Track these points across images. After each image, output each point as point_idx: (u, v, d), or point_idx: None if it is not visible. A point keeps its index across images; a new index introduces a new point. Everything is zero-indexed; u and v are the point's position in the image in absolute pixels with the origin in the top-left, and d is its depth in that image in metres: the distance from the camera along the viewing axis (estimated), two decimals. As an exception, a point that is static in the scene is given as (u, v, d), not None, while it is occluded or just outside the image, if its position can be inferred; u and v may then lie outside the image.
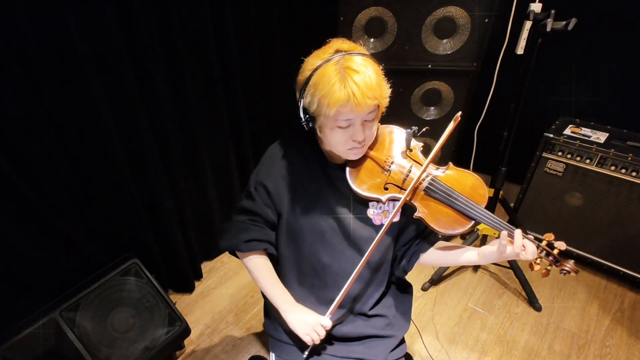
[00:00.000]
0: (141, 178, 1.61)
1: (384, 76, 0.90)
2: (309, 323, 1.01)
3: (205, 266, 2.16)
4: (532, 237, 0.90)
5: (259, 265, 1.08)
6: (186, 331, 1.59)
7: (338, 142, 0.91)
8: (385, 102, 0.90)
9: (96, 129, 1.39)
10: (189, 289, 2.00)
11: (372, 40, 1.84)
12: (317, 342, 1.01)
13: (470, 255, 0.98)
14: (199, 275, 2.08)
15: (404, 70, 1.85)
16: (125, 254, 1.55)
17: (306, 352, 1.06)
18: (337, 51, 0.87)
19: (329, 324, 1.01)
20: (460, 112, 0.96)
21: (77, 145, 1.37)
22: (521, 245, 0.87)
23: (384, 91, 0.89)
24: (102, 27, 1.29)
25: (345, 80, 0.82)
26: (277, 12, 1.93)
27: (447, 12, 1.71)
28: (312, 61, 0.89)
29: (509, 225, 0.90)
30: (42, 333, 1.28)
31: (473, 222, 0.92)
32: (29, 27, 1.14)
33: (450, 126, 0.93)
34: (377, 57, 1.81)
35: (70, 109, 1.31)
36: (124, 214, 1.60)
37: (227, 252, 2.46)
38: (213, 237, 2.14)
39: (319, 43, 0.93)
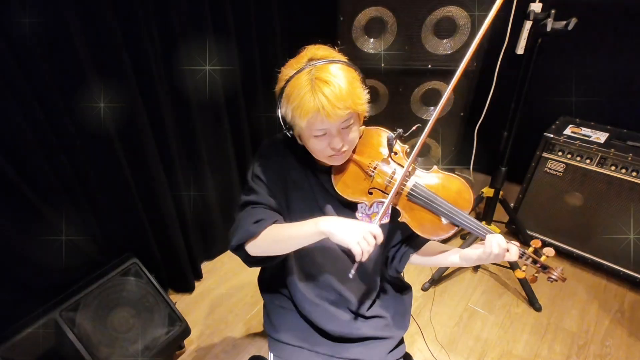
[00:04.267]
0: (141, 178, 1.61)
1: (360, 82, 0.89)
2: (358, 229, 0.85)
3: (205, 266, 2.16)
4: (518, 244, 0.89)
5: (275, 227, 0.96)
6: (186, 331, 1.60)
7: (317, 150, 0.91)
8: (361, 109, 0.89)
9: (96, 129, 1.39)
10: (189, 289, 2.00)
11: (372, 40, 1.84)
12: (368, 252, 0.84)
13: (454, 257, 0.98)
14: (199, 275, 2.08)
15: (404, 70, 1.85)
16: (125, 254, 1.56)
17: (355, 267, 0.90)
18: (310, 60, 0.87)
19: (378, 231, 0.86)
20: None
21: (77, 145, 1.37)
22: (505, 250, 0.87)
23: (358, 98, 0.87)
24: (102, 27, 1.29)
25: (315, 92, 0.82)
26: (277, 12, 1.93)
27: (447, 12, 1.71)
28: (286, 71, 0.89)
29: (489, 230, 0.90)
30: (42, 333, 1.28)
31: (456, 228, 0.92)
32: (29, 27, 1.14)
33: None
34: (377, 57, 1.85)
35: (70, 109, 1.31)
36: (124, 214, 1.60)
37: (227, 252, 2.46)
38: (213, 237, 2.13)
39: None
